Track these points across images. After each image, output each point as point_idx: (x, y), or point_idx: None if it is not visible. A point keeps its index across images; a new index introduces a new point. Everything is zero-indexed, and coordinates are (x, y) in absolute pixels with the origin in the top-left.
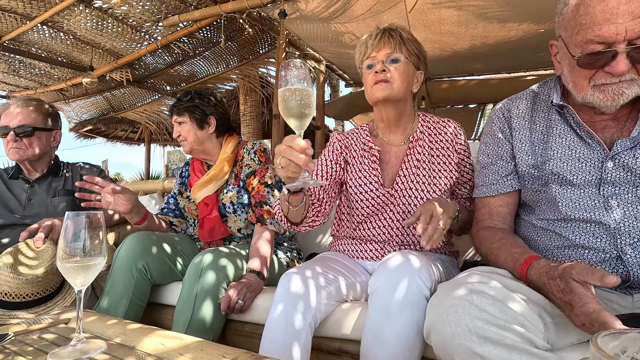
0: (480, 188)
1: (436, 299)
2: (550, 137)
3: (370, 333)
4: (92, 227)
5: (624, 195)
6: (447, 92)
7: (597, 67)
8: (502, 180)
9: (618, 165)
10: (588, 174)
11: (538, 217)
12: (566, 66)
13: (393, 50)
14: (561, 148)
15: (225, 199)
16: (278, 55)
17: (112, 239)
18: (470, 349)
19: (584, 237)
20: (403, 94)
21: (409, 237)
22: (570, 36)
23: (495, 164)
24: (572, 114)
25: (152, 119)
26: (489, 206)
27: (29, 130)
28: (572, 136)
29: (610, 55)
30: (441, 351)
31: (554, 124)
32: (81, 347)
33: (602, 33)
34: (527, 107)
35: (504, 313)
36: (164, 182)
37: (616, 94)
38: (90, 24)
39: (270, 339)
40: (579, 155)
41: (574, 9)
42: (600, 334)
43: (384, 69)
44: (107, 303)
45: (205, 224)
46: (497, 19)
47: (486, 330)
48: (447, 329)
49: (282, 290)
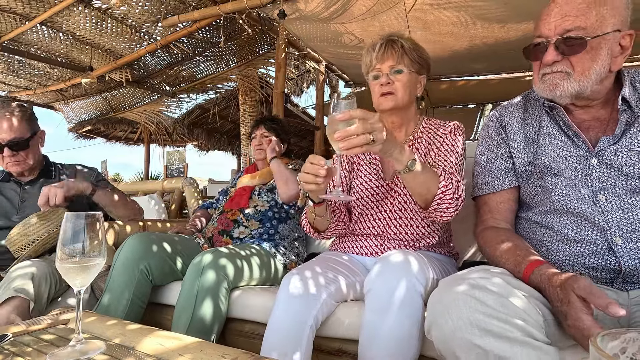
0: (480, 187)
1: (437, 294)
2: (541, 136)
3: (366, 333)
4: (92, 227)
5: (611, 189)
6: (447, 92)
7: (538, 60)
8: (501, 177)
9: (601, 161)
10: (574, 170)
11: (534, 212)
12: None
13: (396, 62)
14: (550, 146)
15: (257, 190)
16: (277, 56)
17: (112, 240)
18: (471, 341)
19: (576, 231)
20: (407, 101)
21: (408, 234)
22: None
23: (494, 162)
24: (561, 115)
25: (152, 119)
26: (489, 203)
27: (23, 143)
28: (560, 135)
29: (545, 48)
30: (442, 345)
31: (543, 124)
32: (80, 347)
33: (540, 31)
34: (520, 111)
35: (505, 307)
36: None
37: (552, 84)
38: (90, 24)
39: (272, 339)
40: (566, 153)
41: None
42: (600, 333)
43: (388, 82)
44: (108, 303)
45: (235, 197)
46: (496, 20)
47: (487, 323)
48: (449, 322)
49: (283, 290)
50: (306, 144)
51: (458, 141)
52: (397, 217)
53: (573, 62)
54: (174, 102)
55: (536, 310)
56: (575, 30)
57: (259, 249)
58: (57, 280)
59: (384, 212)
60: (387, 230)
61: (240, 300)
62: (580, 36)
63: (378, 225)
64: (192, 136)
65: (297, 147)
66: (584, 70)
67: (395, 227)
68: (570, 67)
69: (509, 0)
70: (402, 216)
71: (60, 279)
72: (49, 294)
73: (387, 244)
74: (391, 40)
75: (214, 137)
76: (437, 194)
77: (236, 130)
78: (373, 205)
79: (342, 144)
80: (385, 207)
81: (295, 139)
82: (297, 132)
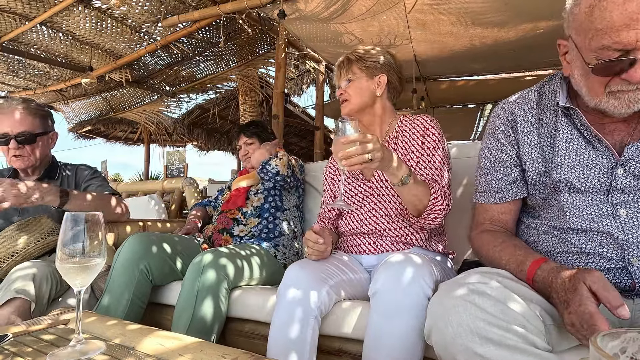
0: (482, 195)
1: (437, 298)
2: (557, 141)
3: (372, 335)
4: (92, 227)
5: (634, 203)
6: (447, 92)
7: (613, 74)
8: (506, 188)
9: (629, 172)
10: (597, 181)
11: (542, 223)
12: (577, 69)
13: (347, 73)
14: (569, 153)
15: (253, 190)
16: (277, 56)
17: (112, 240)
18: (472, 349)
19: (590, 245)
20: (363, 104)
21: (398, 229)
22: (584, 40)
23: (498, 171)
24: (579, 117)
25: (152, 120)
26: (490, 212)
27: (31, 137)
28: (580, 140)
29: (628, 62)
30: (442, 351)
31: (560, 127)
32: (80, 347)
33: (620, 39)
34: (533, 110)
35: (504, 314)
36: (164, 183)
37: (631, 102)
38: (90, 25)
39: (278, 333)
40: (587, 161)
41: (588, 11)
42: (600, 333)
43: (341, 92)
44: (108, 303)
45: (231, 198)
46: (496, 20)
47: (488, 331)
48: (449, 329)
49: (285, 283)
50: (306, 144)
51: (438, 140)
52: (383, 214)
53: None
54: (173, 102)
55: (536, 315)
56: None
57: (258, 248)
58: (57, 280)
59: (368, 211)
60: (377, 227)
61: (240, 300)
62: None
63: (367, 223)
64: (192, 136)
65: (297, 147)
66: None
67: (384, 223)
68: None
69: (509, 0)
70: (387, 213)
71: (61, 280)
72: (50, 295)
73: (380, 241)
74: (342, 59)
75: (214, 137)
76: (428, 205)
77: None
78: (358, 204)
79: (345, 162)
80: (369, 206)
81: (295, 139)
82: (297, 132)
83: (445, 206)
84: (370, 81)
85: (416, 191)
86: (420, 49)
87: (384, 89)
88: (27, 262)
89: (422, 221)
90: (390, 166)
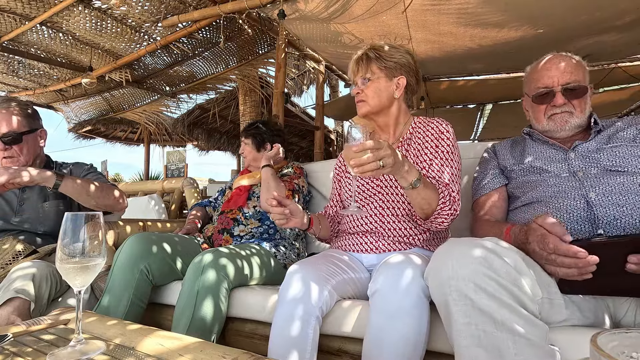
0: (475, 193)
1: (446, 246)
2: (526, 148)
3: (372, 335)
4: (92, 227)
5: (587, 169)
6: (446, 92)
7: (545, 103)
8: (491, 180)
9: (578, 154)
10: (557, 163)
11: (521, 200)
12: (529, 107)
13: (365, 72)
14: (534, 152)
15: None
16: (277, 56)
17: (112, 240)
18: (464, 292)
19: (560, 199)
20: (381, 106)
21: (402, 229)
22: (529, 87)
23: (486, 173)
24: (538, 135)
25: (152, 120)
26: (482, 205)
27: (17, 136)
28: (541, 144)
29: (552, 95)
30: (436, 290)
31: (527, 143)
32: (80, 348)
33: (544, 82)
34: (507, 143)
35: (508, 275)
36: (164, 183)
37: (562, 121)
38: (90, 25)
39: (279, 332)
40: (548, 155)
41: (531, 73)
42: (600, 333)
43: (358, 91)
44: (108, 303)
45: (232, 197)
46: (496, 20)
47: (486, 283)
48: (449, 271)
49: (287, 282)
50: (306, 144)
51: (452, 145)
52: (390, 213)
53: (574, 104)
54: (173, 102)
55: (537, 286)
56: (573, 82)
57: (259, 248)
58: (57, 280)
59: (373, 209)
60: (380, 226)
61: (240, 300)
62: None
63: (370, 222)
64: (192, 136)
65: (297, 147)
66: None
67: (389, 222)
68: (572, 107)
69: (509, 0)
70: (394, 213)
71: (61, 280)
72: (50, 295)
73: (382, 240)
74: (360, 55)
75: (214, 137)
76: (436, 209)
77: (236, 130)
78: (362, 203)
79: (357, 169)
80: (374, 204)
81: (295, 139)
82: (297, 132)
83: (453, 211)
84: (389, 82)
85: (425, 195)
86: (420, 49)
87: (402, 91)
88: (28, 262)
89: (429, 224)
90: (401, 170)
